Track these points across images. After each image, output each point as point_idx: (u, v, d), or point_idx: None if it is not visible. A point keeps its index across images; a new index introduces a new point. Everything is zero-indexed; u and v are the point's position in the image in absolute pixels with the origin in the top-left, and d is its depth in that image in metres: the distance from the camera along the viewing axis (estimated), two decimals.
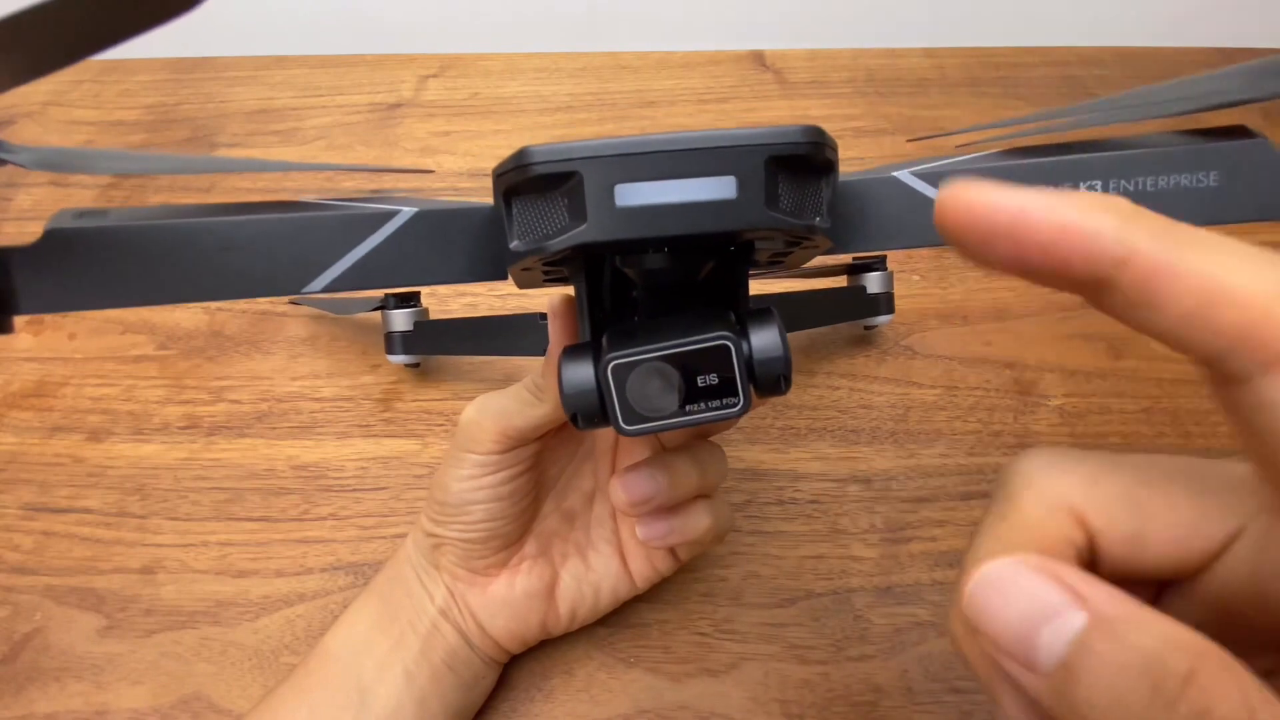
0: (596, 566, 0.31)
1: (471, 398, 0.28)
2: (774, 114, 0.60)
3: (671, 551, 0.31)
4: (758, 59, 0.66)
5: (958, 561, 0.36)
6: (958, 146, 0.23)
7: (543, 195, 0.18)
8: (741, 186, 0.17)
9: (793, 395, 0.42)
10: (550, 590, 0.31)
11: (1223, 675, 0.12)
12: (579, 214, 0.17)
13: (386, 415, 0.42)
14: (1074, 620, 0.13)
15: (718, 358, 0.19)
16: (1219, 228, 0.14)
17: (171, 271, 0.18)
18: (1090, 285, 0.14)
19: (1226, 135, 0.18)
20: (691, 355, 0.19)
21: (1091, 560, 0.16)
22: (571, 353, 0.20)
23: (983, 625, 0.14)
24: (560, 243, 0.18)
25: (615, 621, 0.34)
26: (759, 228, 0.18)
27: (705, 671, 0.33)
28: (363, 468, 0.40)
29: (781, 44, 0.67)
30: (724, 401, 0.19)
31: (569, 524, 0.31)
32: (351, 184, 0.56)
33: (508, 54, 0.67)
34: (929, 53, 0.66)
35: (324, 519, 0.39)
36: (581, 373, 0.20)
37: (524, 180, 0.18)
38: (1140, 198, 0.17)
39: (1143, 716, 0.12)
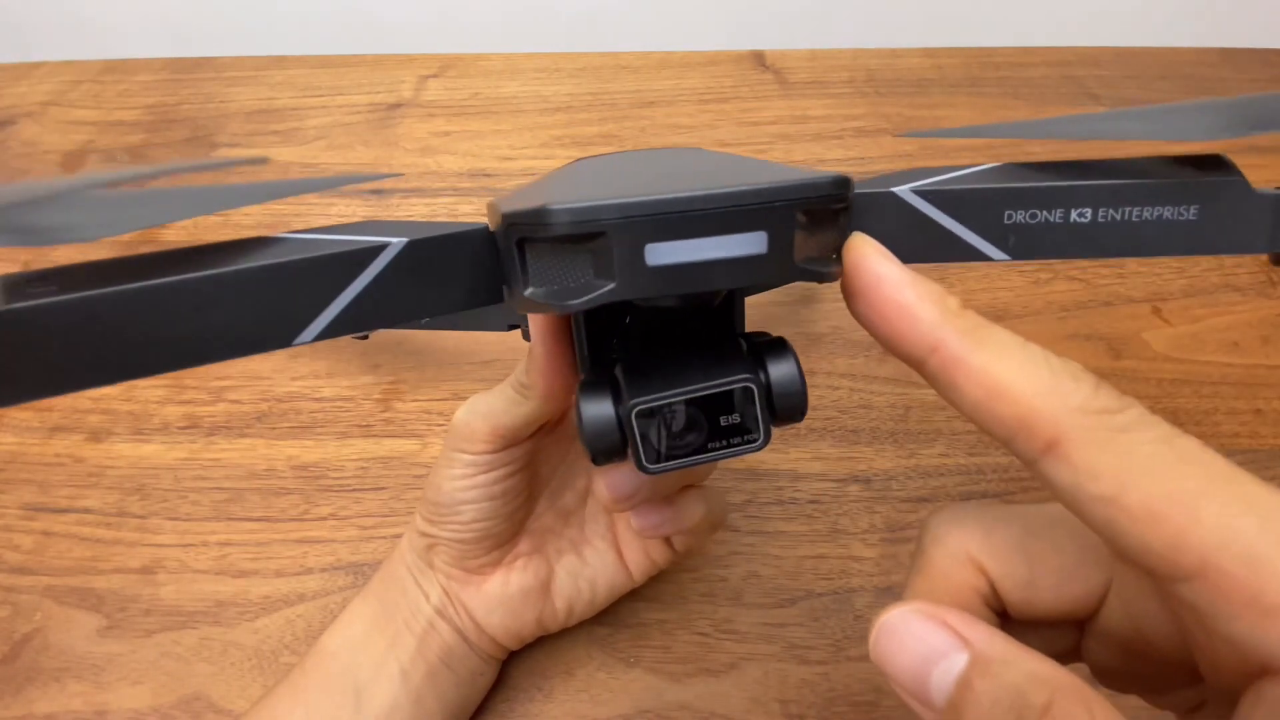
0: (592, 561, 0.31)
1: (472, 396, 0.28)
2: (774, 114, 0.60)
3: (667, 542, 0.31)
4: (758, 59, 0.66)
5: None
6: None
7: (563, 249, 0.17)
8: (772, 241, 0.17)
9: None
10: (546, 587, 0.31)
11: (1076, 707, 0.13)
12: (605, 272, 0.17)
13: (386, 415, 0.42)
14: (958, 661, 0.15)
15: (741, 398, 0.19)
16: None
17: (139, 345, 0.16)
18: (913, 360, 0.16)
19: (1207, 167, 0.19)
20: (714, 397, 0.19)
21: (1000, 604, 0.18)
22: (589, 391, 0.20)
23: (884, 669, 0.16)
24: (585, 302, 0.17)
25: (615, 621, 0.34)
26: (787, 281, 0.18)
27: (705, 671, 0.33)
28: (363, 468, 0.40)
29: (781, 44, 0.67)
30: (745, 438, 0.20)
31: (564, 520, 0.31)
32: (351, 183, 0.56)
33: (508, 54, 0.67)
34: (929, 53, 0.66)
35: (324, 519, 0.39)
36: (602, 413, 0.19)
37: (545, 236, 0.17)
38: (1127, 227, 0.18)
39: None
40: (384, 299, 0.18)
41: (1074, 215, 0.19)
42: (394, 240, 0.18)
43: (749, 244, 0.17)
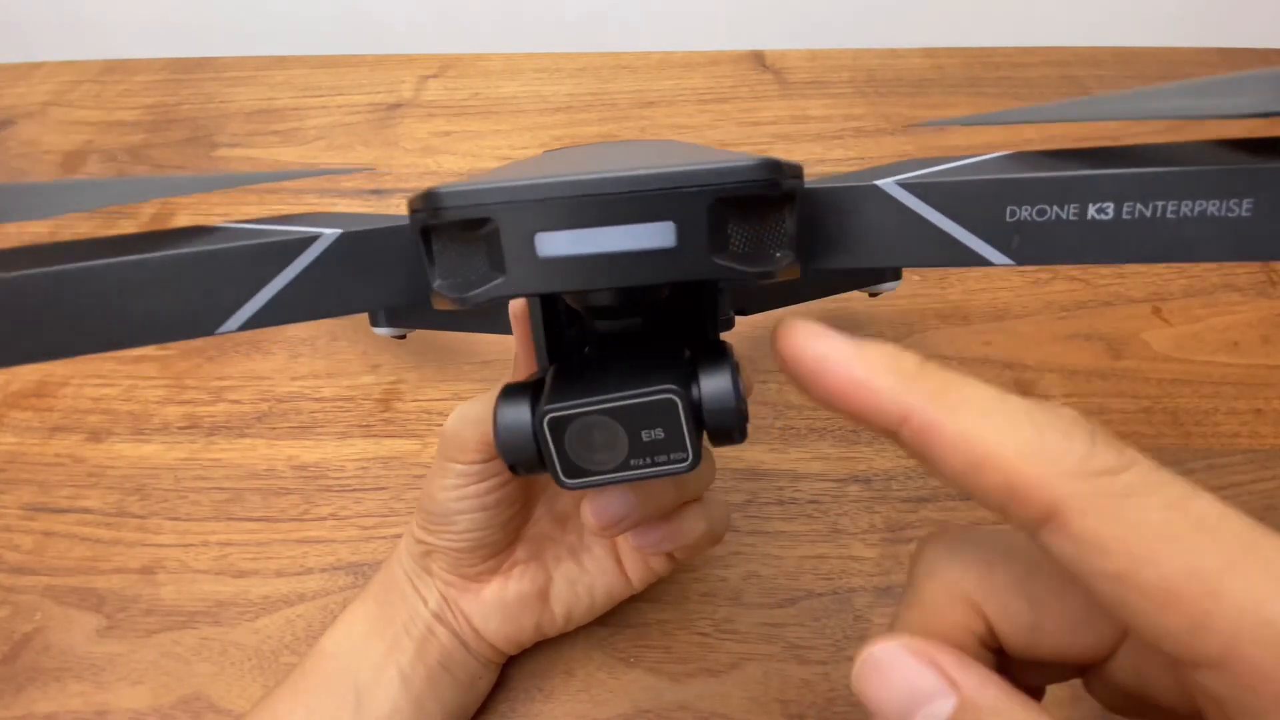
0: (590, 568, 0.31)
1: (472, 398, 0.28)
2: (774, 114, 0.60)
3: (667, 553, 0.30)
4: (758, 59, 0.66)
5: None
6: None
7: (460, 238, 0.16)
8: (682, 234, 0.15)
9: (793, 395, 0.42)
10: (544, 594, 0.31)
11: None
12: (498, 264, 0.16)
13: (386, 415, 0.42)
14: (945, 706, 0.14)
15: (662, 411, 0.17)
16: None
17: (61, 324, 0.15)
18: (887, 435, 0.14)
19: (1263, 151, 0.15)
20: (633, 409, 0.17)
21: (997, 643, 0.16)
22: (509, 395, 0.18)
23: (867, 704, 0.15)
24: (480, 295, 0.16)
25: (615, 621, 0.34)
26: (704, 278, 0.16)
27: (705, 671, 0.33)
28: (363, 468, 0.40)
29: (781, 44, 0.67)
30: (671, 456, 0.18)
31: (561, 527, 0.31)
32: (352, 184, 0.56)
33: (508, 54, 0.67)
34: (929, 53, 0.66)
35: (324, 519, 0.39)
36: (518, 419, 0.18)
37: (438, 222, 0.16)
38: (1159, 226, 0.15)
39: None
40: (313, 290, 0.17)
41: (1092, 211, 0.15)
42: (326, 231, 0.17)
43: (653, 236, 0.15)
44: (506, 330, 0.39)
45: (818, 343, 0.15)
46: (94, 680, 0.34)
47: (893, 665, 0.14)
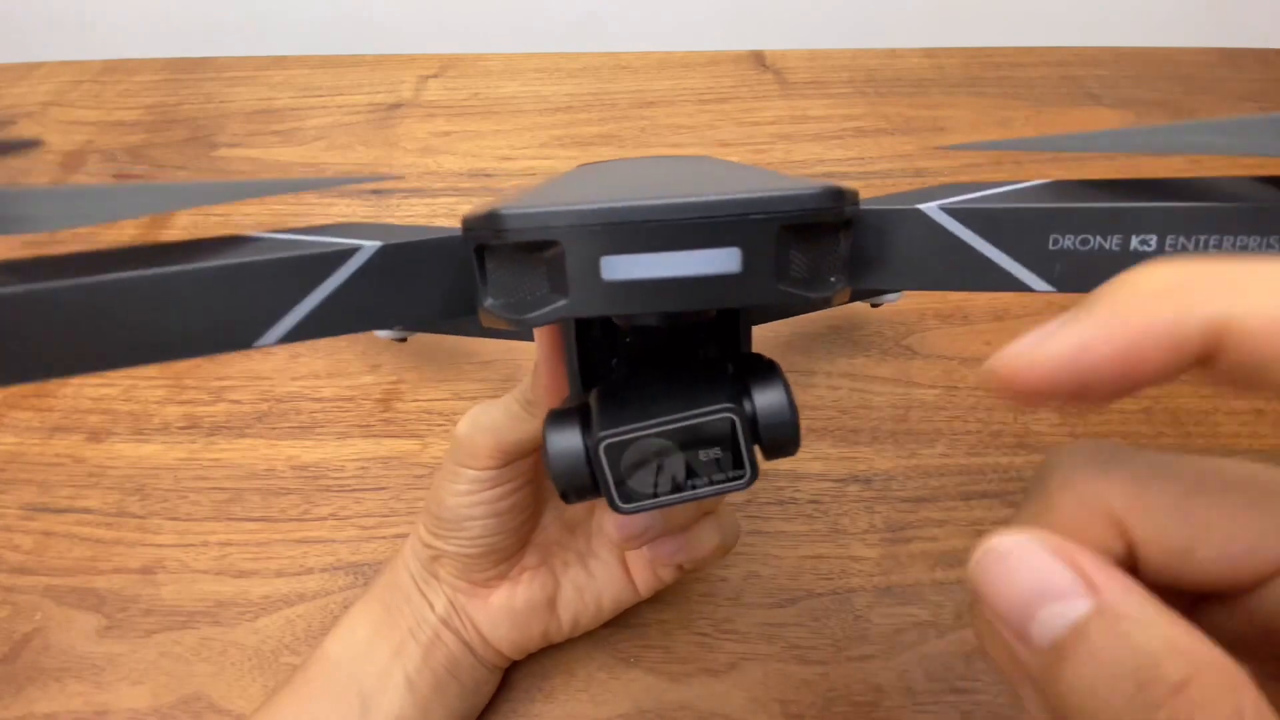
0: (598, 575, 0.31)
1: (473, 398, 0.28)
2: (774, 114, 0.60)
3: (677, 564, 0.30)
4: (758, 59, 0.66)
5: (958, 561, 0.36)
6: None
7: (519, 258, 0.16)
8: (748, 259, 0.15)
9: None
10: (552, 601, 0.30)
11: (1221, 692, 0.11)
12: (560, 286, 0.15)
13: (386, 415, 0.42)
14: (1078, 605, 0.12)
15: (720, 430, 0.17)
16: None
17: (93, 337, 0.15)
18: (1186, 369, 0.12)
19: None
20: (690, 430, 0.17)
21: (1131, 570, 0.14)
22: (557, 421, 0.18)
23: (983, 593, 0.13)
24: (540, 317, 0.16)
25: (615, 621, 0.34)
26: (767, 303, 0.16)
27: (705, 671, 0.33)
28: (363, 468, 0.40)
29: (781, 44, 0.67)
30: (729, 474, 0.18)
31: (570, 533, 0.31)
32: (354, 185, 0.56)
33: (508, 54, 0.67)
34: (929, 53, 0.66)
35: (324, 519, 0.39)
36: (570, 446, 0.18)
37: (498, 243, 0.16)
38: None
39: (1119, 715, 0.11)
40: (353, 304, 0.17)
41: (1135, 243, 0.16)
42: (366, 244, 0.17)
43: (720, 261, 0.15)
44: (509, 336, 0.39)
45: (1062, 338, 0.12)
46: (94, 680, 0.34)
47: (1023, 557, 0.13)
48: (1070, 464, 0.15)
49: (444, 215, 0.53)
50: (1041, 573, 0.13)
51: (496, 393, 0.43)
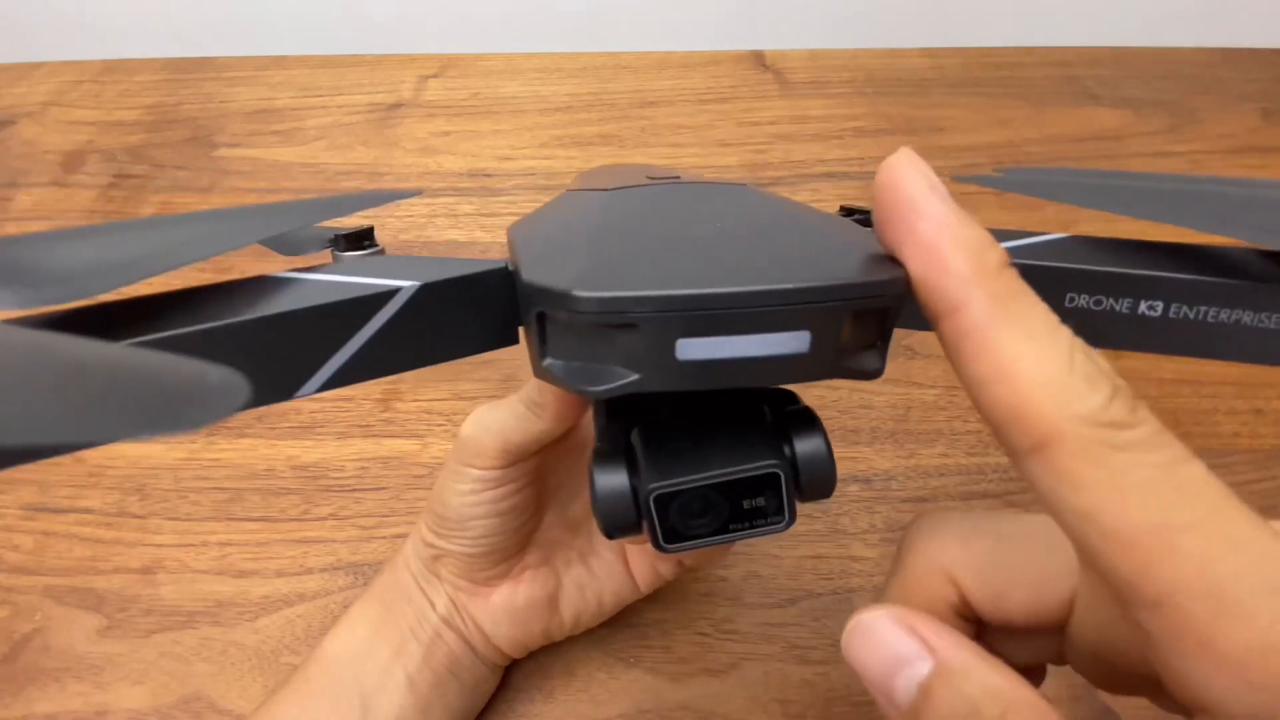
0: (599, 572, 0.31)
1: (473, 398, 0.28)
2: (774, 114, 0.60)
3: (678, 560, 0.30)
4: (758, 59, 0.66)
5: None
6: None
7: (589, 331, 0.16)
8: (815, 341, 0.15)
9: None
10: (553, 599, 0.30)
11: None
12: (631, 362, 0.15)
13: (386, 415, 0.42)
14: (921, 668, 0.15)
15: (766, 483, 0.18)
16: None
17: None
18: (930, 313, 0.15)
19: None
20: (738, 483, 0.18)
21: (974, 613, 0.18)
22: (603, 464, 0.19)
23: (854, 667, 0.16)
24: (606, 390, 0.16)
25: (615, 621, 0.34)
26: (825, 378, 0.16)
27: (705, 671, 0.33)
28: (363, 468, 0.40)
29: (781, 44, 0.67)
30: (769, 519, 0.19)
31: (572, 532, 0.31)
32: (352, 184, 0.56)
33: (508, 54, 0.67)
34: (929, 53, 0.66)
35: (324, 519, 0.39)
36: (618, 489, 0.18)
37: (570, 320, 0.16)
38: (1200, 328, 0.17)
39: None
40: (394, 346, 0.17)
41: (1143, 307, 0.17)
42: (405, 284, 0.16)
43: (790, 343, 0.15)
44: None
45: (924, 195, 0.15)
46: (94, 680, 0.34)
47: (876, 631, 0.16)
48: (916, 532, 0.19)
49: (443, 214, 0.53)
50: (892, 643, 0.15)
51: (497, 393, 0.43)
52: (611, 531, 0.19)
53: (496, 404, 0.27)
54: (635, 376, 0.15)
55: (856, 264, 0.16)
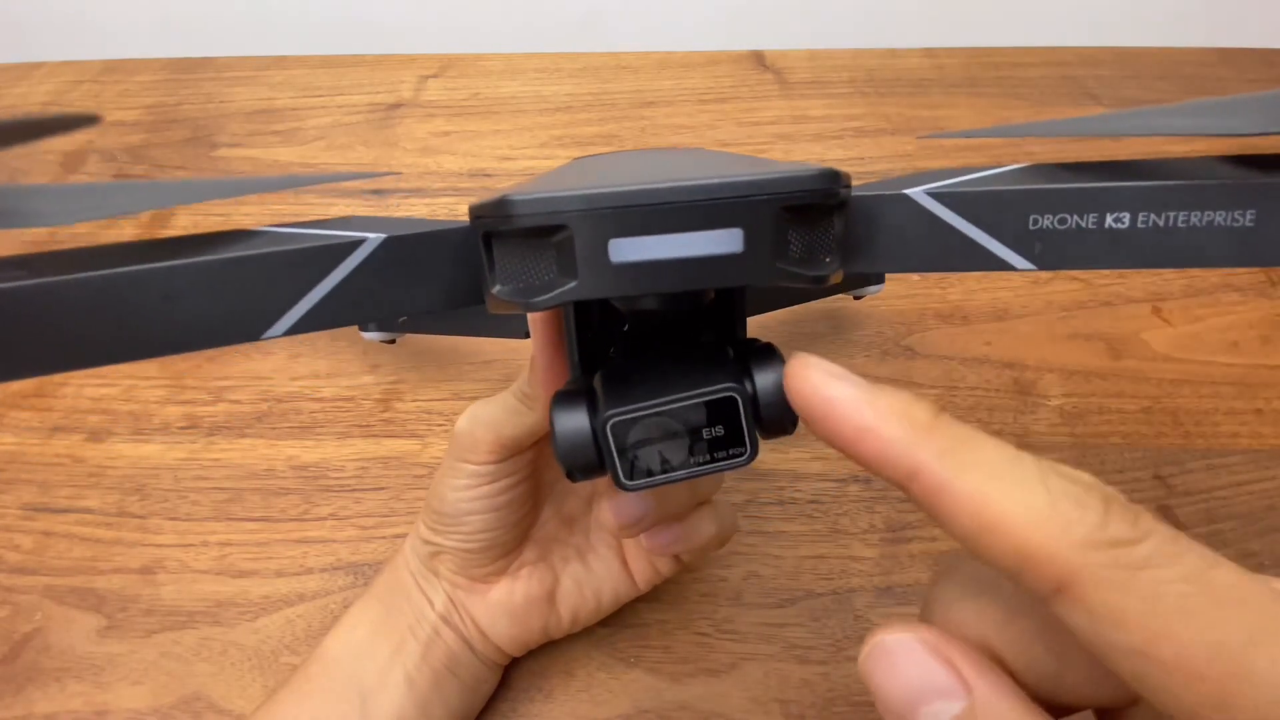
0: (597, 569, 0.31)
1: (473, 398, 0.28)
2: (774, 114, 0.60)
3: (674, 555, 0.31)
4: (758, 59, 0.66)
5: None
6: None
7: (527, 243, 0.16)
8: (749, 239, 0.16)
9: None
10: (551, 596, 0.31)
11: None
12: (568, 269, 0.16)
13: (386, 415, 0.42)
14: (953, 706, 0.13)
15: (723, 409, 0.18)
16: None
17: (104, 330, 0.15)
18: (896, 485, 0.14)
19: (1267, 166, 0.17)
20: (695, 408, 0.18)
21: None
22: (563, 402, 0.19)
23: (871, 688, 0.15)
24: (547, 300, 0.16)
25: (615, 621, 0.34)
26: (767, 283, 0.16)
27: (705, 671, 0.33)
28: (363, 468, 0.40)
29: (781, 44, 0.67)
30: (730, 451, 0.18)
31: (568, 528, 0.31)
32: (353, 184, 0.56)
33: (508, 54, 0.67)
34: (929, 53, 0.66)
35: (324, 519, 0.39)
36: (577, 426, 0.18)
37: (507, 229, 0.16)
38: (1171, 234, 0.16)
39: None
40: (358, 295, 0.17)
41: (1110, 220, 0.17)
42: (371, 236, 0.17)
43: (723, 242, 0.16)
44: (501, 334, 0.39)
45: (829, 385, 0.14)
46: (94, 680, 0.34)
47: (905, 655, 0.14)
48: (947, 594, 0.16)
49: (443, 215, 0.53)
50: (921, 671, 0.14)
51: (496, 392, 0.43)
52: (573, 470, 0.19)
53: (489, 399, 0.27)
54: (573, 284, 0.16)
55: (788, 167, 0.16)
